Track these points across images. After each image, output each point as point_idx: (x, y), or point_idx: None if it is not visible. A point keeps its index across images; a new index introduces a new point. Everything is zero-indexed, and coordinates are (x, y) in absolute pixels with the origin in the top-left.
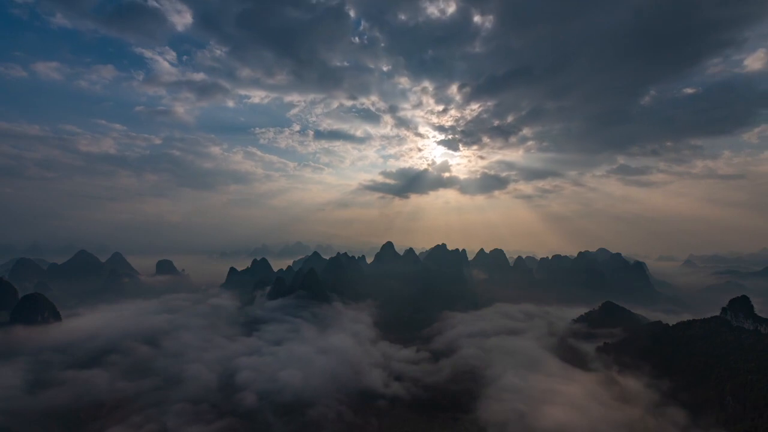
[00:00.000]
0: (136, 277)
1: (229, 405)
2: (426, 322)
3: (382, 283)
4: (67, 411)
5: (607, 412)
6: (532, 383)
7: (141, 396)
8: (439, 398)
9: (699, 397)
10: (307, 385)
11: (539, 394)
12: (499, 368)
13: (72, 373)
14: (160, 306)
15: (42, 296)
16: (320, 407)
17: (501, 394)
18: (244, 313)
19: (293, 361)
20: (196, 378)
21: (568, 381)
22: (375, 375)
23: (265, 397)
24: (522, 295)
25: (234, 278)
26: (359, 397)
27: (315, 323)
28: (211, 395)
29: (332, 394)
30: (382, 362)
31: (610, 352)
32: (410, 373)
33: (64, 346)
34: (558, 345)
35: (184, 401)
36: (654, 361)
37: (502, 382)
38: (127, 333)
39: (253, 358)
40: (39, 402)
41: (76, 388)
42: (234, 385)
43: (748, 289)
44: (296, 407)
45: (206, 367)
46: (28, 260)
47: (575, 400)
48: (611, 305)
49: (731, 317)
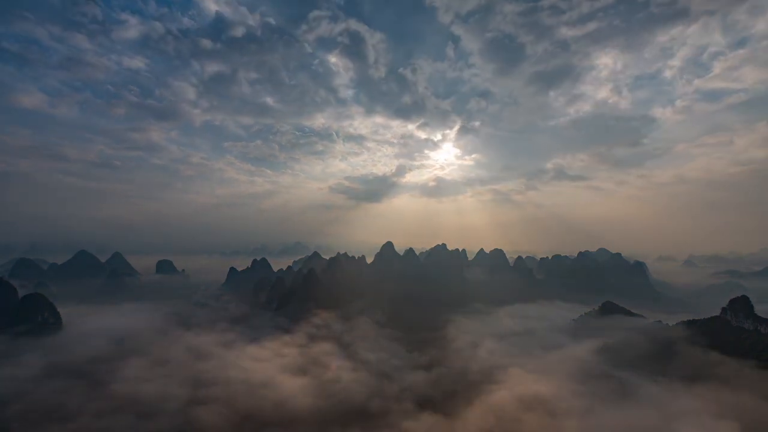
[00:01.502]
0: (136, 277)
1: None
2: (426, 322)
3: (382, 283)
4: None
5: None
6: (534, 383)
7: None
8: (439, 398)
9: (699, 397)
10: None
11: (541, 395)
12: (499, 368)
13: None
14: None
15: (42, 296)
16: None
17: (501, 393)
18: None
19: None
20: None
21: (569, 382)
22: (375, 375)
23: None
24: (522, 295)
25: (234, 278)
26: (359, 398)
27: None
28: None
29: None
30: (383, 362)
31: (609, 352)
32: (410, 373)
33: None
34: (559, 346)
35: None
36: (654, 362)
37: (502, 381)
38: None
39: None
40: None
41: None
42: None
43: (748, 289)
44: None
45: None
46: (28, 260)
47: (582, 403)
48: (611, 305)
49: (731, 317)
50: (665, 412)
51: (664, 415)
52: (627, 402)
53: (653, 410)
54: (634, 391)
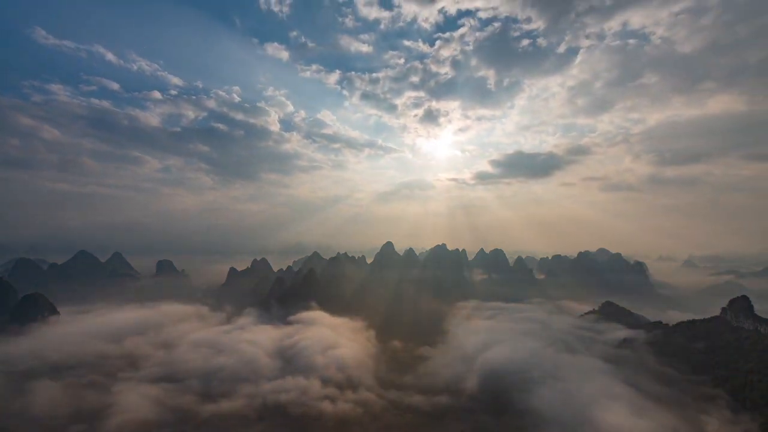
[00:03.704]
0: (136, 277)
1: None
2: (426, 323)
3: (382, 283)
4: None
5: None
6: (534, 383)
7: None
8: (438, 398)
9: (699, 397)
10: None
11: (542, 395)
12: (500, 368)
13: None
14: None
15: (42, 296)
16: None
17: (501, 394)
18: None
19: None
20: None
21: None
22: (376, 375)
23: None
24: (522, 295)
25: (234, 278)
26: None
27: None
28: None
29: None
30: (383, 362)
31: (610, 352)
32: (411, 374)
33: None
34: (559, 345)
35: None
36: (654, 362)
37: (503, 382)
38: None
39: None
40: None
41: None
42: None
43: (748, 289)
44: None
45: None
46: (28, 260)
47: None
48: (611, 305)
49: (731, 317)
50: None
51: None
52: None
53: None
54: (636, 392)
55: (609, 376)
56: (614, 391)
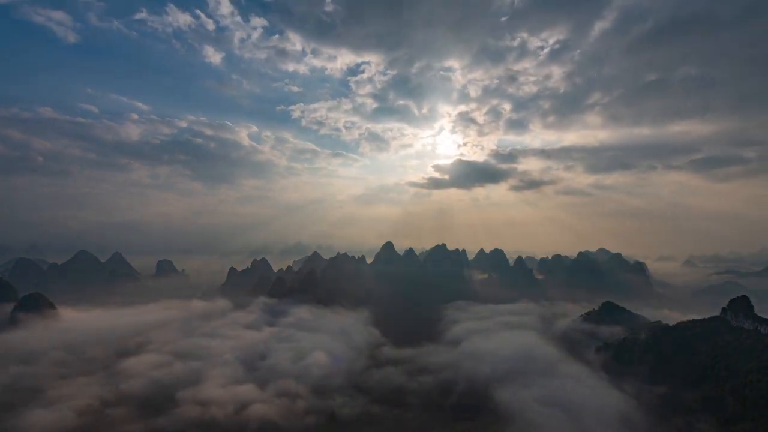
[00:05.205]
0: (136, 277)
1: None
2: (426, 323)
3: (382, 283)
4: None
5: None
6: (534, 384)
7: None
8: (439, 397)
9: (699, 397)
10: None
11: (543, 396)
12: (500, 368)
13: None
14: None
15: (42, 296)
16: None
17: (495, 394)
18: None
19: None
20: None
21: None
22: (375, 376)
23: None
24: (522, 295)
25: (234, 278)
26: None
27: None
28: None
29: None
30: (383, 363)
31: (610, 352)
32: (410, 374)
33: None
34: (559, 345)
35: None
36: (654, 362)
37: (503, 382)
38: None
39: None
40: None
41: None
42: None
43: (748, 289)
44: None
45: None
46: (28, 260)
47: (579, 402)
48: (611, 305)
49: (731, 317)
50: (666, 413)
51: (664, 415)
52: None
53: (653, 410)
54: (635, 392)
55: (609, 376)
56: (613, 392)
